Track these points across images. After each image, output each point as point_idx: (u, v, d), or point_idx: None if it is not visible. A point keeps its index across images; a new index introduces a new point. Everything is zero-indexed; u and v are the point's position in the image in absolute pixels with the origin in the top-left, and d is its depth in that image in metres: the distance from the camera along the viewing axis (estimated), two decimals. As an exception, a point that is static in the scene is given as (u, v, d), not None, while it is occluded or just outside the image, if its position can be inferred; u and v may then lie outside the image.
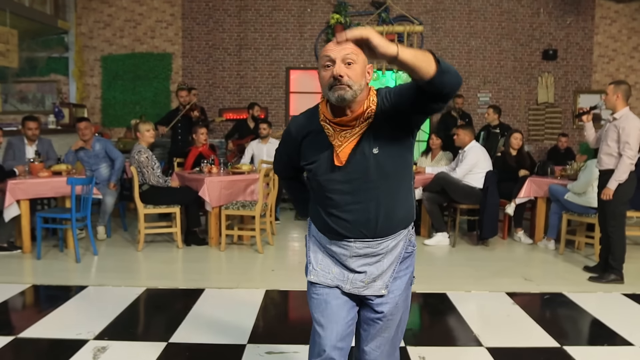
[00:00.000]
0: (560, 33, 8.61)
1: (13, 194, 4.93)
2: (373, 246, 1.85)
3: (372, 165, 1.77)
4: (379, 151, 1.76)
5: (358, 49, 1.63)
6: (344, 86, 1.67)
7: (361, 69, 1.70)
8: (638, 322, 3.60)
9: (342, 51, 1.65)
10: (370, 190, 1.79)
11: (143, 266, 4.94)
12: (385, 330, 1.92)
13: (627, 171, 4.26)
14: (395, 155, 1.79)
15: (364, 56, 1.69)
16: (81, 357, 2.92)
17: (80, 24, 8.69)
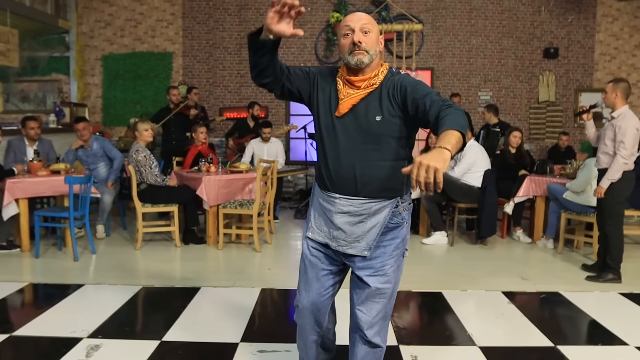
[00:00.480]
0: (561, 31, 8.57)
1: (12, 193, 4.96)
2: (355, 205, 2.00)
3: (364, 126, 1.95)
4: (373, 117, 1.94)
5: (372, 19, 1.96)
6: (362, 51, 1.92)
7: (376, 37, 1.95)
8: (634, 321, 3.59)
9: (360, 21, 1.93)
10: (358, 150, 1.96)
11: (140, 265, 4.95)
12: (375, 296, 2.04)
13: (620, 170, 4.23)
14: (388, 126, 1.94)
15: (377, 26, 1.98)
16: (74, 354, 2.94)
17: (81, 23, 8.71)
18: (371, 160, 1.96)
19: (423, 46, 8.64)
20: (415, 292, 4.15)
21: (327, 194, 2.06)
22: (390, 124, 1.95)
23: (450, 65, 8.70)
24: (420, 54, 8.63)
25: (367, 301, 2.05)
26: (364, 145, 1.96)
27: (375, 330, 2.07)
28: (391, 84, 1.96)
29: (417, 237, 6.02)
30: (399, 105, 1.93)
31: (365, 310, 2.06)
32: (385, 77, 1.98)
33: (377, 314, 2.06)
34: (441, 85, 8.71)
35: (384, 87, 1.96)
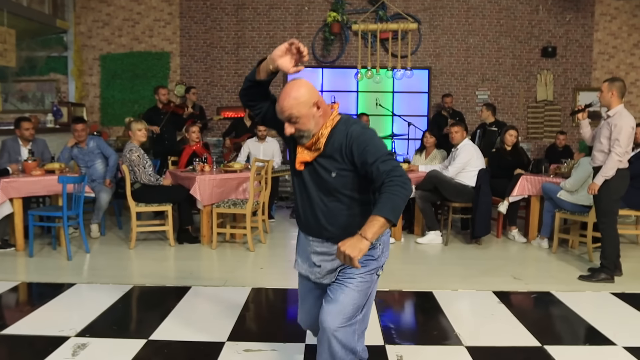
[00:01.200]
0: (559, 30, 8.55)
1: (5, 193, 4.98)
2: (327, 247, 2.18)
3: (321, 182, 2.09)
4: (327, 174, 2.06)
5: (297, 100, 1.97)
6: (299, 136, 2.05)
7: (306, 115, 1.99)
8: (624, 321, 3.57)
9: (285, 113, 2.00)
10: (320, 201, 2.11)
11: (134, 264, 4.96)
12: (338, 291, 2.12)
13: (614, 168, 4.24)
14: (345, 179, 2.05)
15: (305, 105, 1.98)
16: (60, 353, 2.95)
17: (79, 23, 8.73)
18: (334, 210, 2.10)
19: (420, 45, 8.62)
20: (405, 291, 4.15)
21: (304, 235, 2.27)
22: (346, 178, 2.06)
23: (447, 65, 8.68)
24: (417, 53, 8.62)
25: (333, 308, 2.09)
26: (325, 197, 2.10)
27: (334, 327, 2.07)
28: (343, 139, 2.02)
29: (411, 237, 6.02)
30: (350, 162, 2.02)
31: (329, 317, 2.08)
32: (332, 135, 2.04)
33: (338, 308, 2.09)
34: (439, 85, 8.70)
35: (334, 144, 2.04)
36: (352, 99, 8.87)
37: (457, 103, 8.60)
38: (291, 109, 1.98)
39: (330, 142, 2.04)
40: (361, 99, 8.85)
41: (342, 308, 2.08)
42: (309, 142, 2.06)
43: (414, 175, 5.91)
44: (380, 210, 1.82)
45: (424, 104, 8.82)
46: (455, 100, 8.58)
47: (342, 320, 2.08)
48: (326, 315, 2.09)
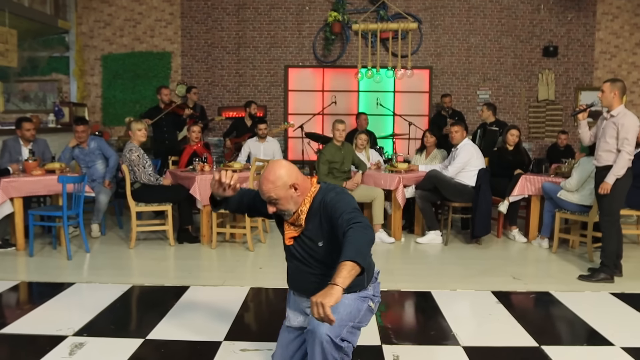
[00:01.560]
0: (561, 29, 8.53)
1: (6, 192, 4.99)
2: None
3: (310, 252, 2.28)
4: (315, 244, 2.25)
5: (275, 182, 2.17)
6: (281, 213, 2.27)
7: (284, 198, 2.20)
8: (622, 322, 3.56)
9: (265, 195, 2.21)
10: (310, 270, 2.31)
11: (133, 263, 4.97)
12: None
13: (626, 166, 4.28)
14: (332, 246, 2.19)
15: (282, 188, 2.18)
16: (58, 352, 2.95)
17: (80, 23, 8.76)
18: (323, 278, 2.13)
19: (421, 45, 8.61)
20: (404, 291, 4.14)
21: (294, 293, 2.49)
22: (334, 244, 2.16)
23: (448, 64, 8.67)
24: (418, 52, 8.62)
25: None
26: (316, 265, 2.28)
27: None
28: (321, 210, 2.21)
29: (411, 237, 6.01)
30: (330, 227, 2.18)
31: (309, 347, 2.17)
32: (311, 209, 2.24)
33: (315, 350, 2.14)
34: (440, 84, 8.69)
35: (314, 217, 2.23)
36: (353, 98, 8.86)
37: (459, 103, 8.60)
38: (269, 192, 2.18)
39: (310, 216, 2.24)
40: (362, 99, 8.85)
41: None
42: (291, 218, 2.27)
43: (414, 175, 5.90)
44: (345, 255, 1.86)
45: (425, 104, 8.81)
46: (457, 100, 8.59)
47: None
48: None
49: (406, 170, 6.00)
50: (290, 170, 2.20)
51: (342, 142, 5.96)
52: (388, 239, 5.73)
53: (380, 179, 5.90)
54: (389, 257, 5.27)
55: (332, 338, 2.10)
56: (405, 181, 5.79)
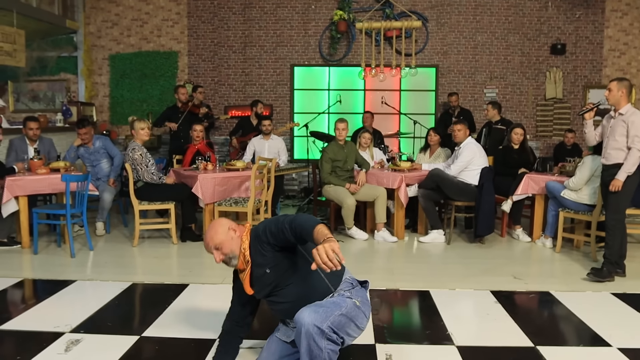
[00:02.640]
0: (569, 27, 8.44)
1: (11, 191, 5.06)
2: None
3: (264, 284, 2.45)
4: (270, 271, 2.41)
5: (217, 233, 2.46)
6: (228, 260, 2.48)
7: (226, 241, 2.45)
8: (622, 322, 3.52)
9: (208, 245, 2.48)
10: (280, 300, 2.49)
11: (136, 261, 5.01)
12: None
13: (637, 163, 4.27)
14: (284, 266, 2.41)
15: (223, 232, 2.45)
16: (53, 349, 2.99)
17: (88, 23, 8.84)
18: (297, 296, 2.43)
19: (428, 43, 8.57)
20: (402, 290, 4.13)
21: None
22: (282, 263, 2.41)
23: (455, 63, 8.62)
24: (424, 51, 8.58)
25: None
26: (281, 291, 2.46)
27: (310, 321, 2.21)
28: (258, 237, 2.40)
29: (414, 235, 6.00)
30: (272, 248, 2.37)
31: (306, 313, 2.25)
32: (250, 241, 2.45)
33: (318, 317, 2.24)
34: (446, 83, 8.65)
35: (255, 248, 2.43)
36: (359, 97, 8.85)
37: (465, 101, 8.55)
38: (212, 240, 2.45)
39: (252, 249, 2.42)
40: (368, 97, 8.83)
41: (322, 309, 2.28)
42: (239, 262, 2.46)
43: (417, 174, 5.88)
44: (310, 226, 2.16)
45: (431, 102, 8.77)
46: (463, 99, 8.54)
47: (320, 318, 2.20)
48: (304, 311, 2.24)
49: (409, 169, 5.98)
50: (227, 221, 2.54)
51: (344, 141, 5.96)
52: (391, 238, 5.72)
53: (383, 178, 5.88)
54: (390, 256, 5.26)
55: (317, 325, 2.16)
56: (408, 180, 5.77)
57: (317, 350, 2.18)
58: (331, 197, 5.88)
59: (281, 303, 2.50)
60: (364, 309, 2.44)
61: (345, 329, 2.30)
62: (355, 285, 2.55)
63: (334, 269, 1.94)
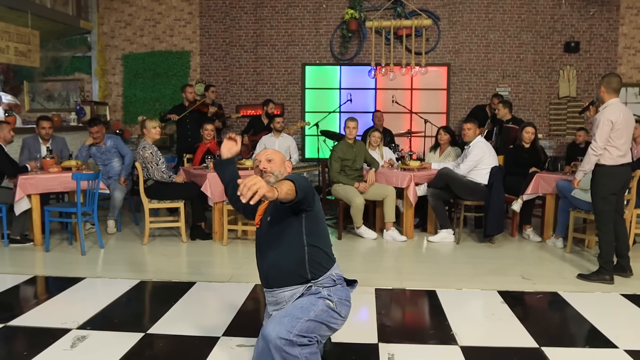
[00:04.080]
0: (583, 24, 8.32)
1: (23, 189, 5.15)
2: (274, 295, 2.50)
3: (267, 229, 2.49)
4: (271, 220, 2.47)
5: (276, 153, 2.64)
6: (268, 174, 2.54)
7: (279, 162, 2.60)
8: (630, 324, 3.48)
9: (264, 154, 2.63)
10: (265, 250, 2.50)
11: (145, 259, 5.06)
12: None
13: (590, 162, 4.27)
14: (283, 226, 2.43)
15: (280, 158, 2.62)
16: (60, 345, 3.04)
17: (102, 23, 8.94)
18: (275, 255, 2.46)
19: (439, 42, 8.52)
20: (409, 289, 4.12)
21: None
22: (281, 222, 2.43)
23: (467, 61, 8.56)
24: (436, 49, 8.53)
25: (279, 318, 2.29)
26: (268, 245, 2.48)
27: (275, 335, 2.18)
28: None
29: (424, 235, 5.97)
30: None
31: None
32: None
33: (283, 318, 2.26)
34: (458, 82, 8.59)
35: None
36: (370, 96, 8.83)
37: (477, 100, 8.49)
38: (271, 154, 2.62)
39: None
40: (378, 96, 8.81)
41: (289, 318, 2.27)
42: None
43: (426, 173, 5.86)
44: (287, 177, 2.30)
45: (443, 101, 8.72)
46: (475, 97, 8.49)
47: (285, 330, 2.19)
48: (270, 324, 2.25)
49: (418, 168, 5.95)
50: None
51: (354, 140, 5.95)
52: (400, 237, 5.70)
53: (392, 177, 5.87)
54: (399, 255, 5.25)
55: (283, 337, 2.13)
56: (417, 179, 5.75)
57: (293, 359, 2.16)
58: (340, 196, 5.87)
59: (264, 257, 2.52)
60: (340, 309, 2.41)
61: (316, 332, 2.27)
62: (340, 283, 2.50)
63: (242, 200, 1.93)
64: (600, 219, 4.33)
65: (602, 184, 4.27)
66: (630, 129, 4.31)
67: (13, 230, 5.37)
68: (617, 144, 4.20)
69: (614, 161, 4.22)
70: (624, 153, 4.24)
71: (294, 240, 2.42)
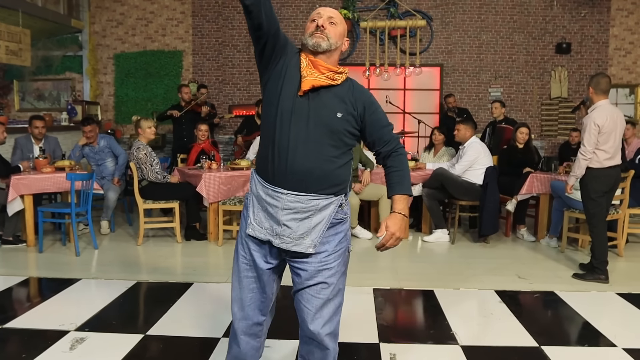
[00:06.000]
0: (574, 26, 8.40)
1: (16, 189, 5.09)
2: (303, 201, 1.96)
3: (324, 118, 1.94)
4: (334, 112, 1.96)
5: (343, 20, 2.05)
6: (323, 36, 1.97)
7: (340, 31, 2.02)
8: (627, 323, 3.51)
9: (331, 13, 2.02)
10: (315, 142, 1.93)
11: (140, 260, 5.02)
12: (321, 292, 2.00)
13: (581, 167, 4.29)
14: (346, 125, 1.98)
15: (345, 27, 2.05)
16: (58, 347, 3.00)
17: (93, 22, 8.87)
18: (327, 155, 1.95)
19: (432, 42, 8.56)
20: (406, 289, 4.13)
21: (272, 188, 1.97)
22: (348, 124, 2.00)
23: (460, 62, 8.60)
24: (429, 50, 8.56)
25: (314, 299, 2.00)
26: (320, 137, 1.94)
27: (325, 330, 2.01)
28: (351, 91, 2.02)
29: (418, 235, 5.99)
30: (354, 117, 2.01)
31: (312, 307, 2.00)
32: (346, 80, 2.03)
33: (324, 309, 2.01)
34: (450, 82, 8.62)
35: (345, 89, 2.01)
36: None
37: (470, 100, 8.54)
38: (338, 16, 2.04)
39: (345, 84, 2.02)
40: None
41: (328, 304, 2.01)
42: (329, 64, 1.98)
43: (421, 173, 5.88)
44: (406, 189, 2.05)
45: (435, 102, 8.75)
46: (468, 98, 8.54)
47: (332, 320, 2.03)
48: (314, 316, 2.00)
49: (413, 168, 5.97)
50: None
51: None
52: (395, 238, 5.70)
53: (387, 177, 5.86)
54: (394, 255, 5.25)
55: (332, 332, 2.04)
56: (412, 179, 5.74)
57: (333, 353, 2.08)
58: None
59: (304, 148, 1.93)
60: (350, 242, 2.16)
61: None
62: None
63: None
64: (592, 220, 4.38)
65: (590, 186, 4.32)
66: (620, 130, 4.33)
67: (5, 231, 5.31)
68: (604, 147, 4.24)
69: (600, 164, 4.26)
70: (611, 155, 4.27)
71: (349, 148, 2.04)
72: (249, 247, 2.09)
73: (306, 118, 1.93)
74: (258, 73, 2.10)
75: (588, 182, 4.32)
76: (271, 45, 1.97)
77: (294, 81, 1.96)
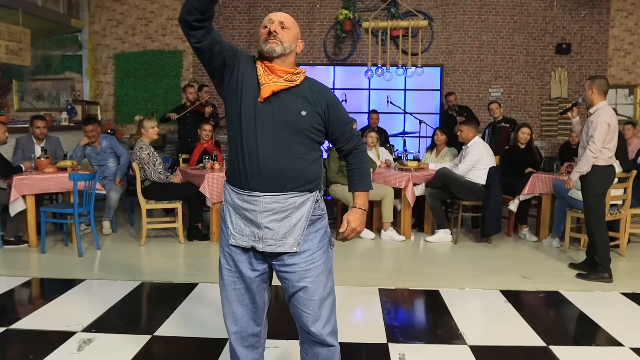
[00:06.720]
0: (574, 26, 8.42)
1: (18, 190, 5.06)
2: (280, 201, 1.96)
3: (289, 119, 1.96)
4: (298, 111, 1.97)
5: (294, 22, 2.07)
6: (277, 41, 1.98)
7: (294, 34, 2.04)
8: (632, 322, 3.52)
9: (282, 17, 2.04)
10: (282, 142, 1.94)
11: (143, 261, 5.00)
12: (314, 292, 2.01)
13: (588, 164, 4.34)
14: (311, 122, 2.00)
15: (297, 29, 2.08)
16: (66, 348, 2.99)
17: (93, 22, 8.84)
18: (297, 153, 1.97)
19: (433, 42, 8.57)
20: (412, 289, 4.13)
21: (247, 194, 1.96)
22: (313, 121, 2.01)
23: (460, 62, 8.61)
24: (429, 50, 8.57)
25: (309, 301, 2.00)
26: (288, 137, 1.96)
27: (326, 330, 2.03)
28: (311, 89, 2.04)
29: (421, 235, 6.00)
30: (319, 113, 2.02)
31: (310, 310, 2.01)
32: (305, 80, 2.05)
33: (322, 309, 2.02)
34: (451, 82, 8.64)
35: (305, 88, 2.03)
36: (364, 96, 8.84)
37: (470, 101, 8.54)
38: (289, 19, 2.05)
39: (304, 84, 2.03)
40: (373, 97, 8.82)
41: (323, 302, 2.02)
42: (286, 67, 1.99)
43: (423, 173, 5.88)
44: (366, 185, 2.13)
45: (436, 102, 8.77)
46: (468, 98, 8.54)
47: (330, 316, 2.05)
48: (313, 318, 2.01)
49: (416, 168, 5.97)
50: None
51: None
52: (398, 237, 5.72)
53: (390, 177, 5.88)
54: (398, 255, 5.26)
55: (331, 331, 2.06)
56: (415, 179, 5.77)
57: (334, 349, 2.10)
58: (338, 197, 5.88)
59: (273, 149, 1.94)
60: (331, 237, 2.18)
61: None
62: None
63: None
64: (594, 217, 4.40)
65: (594, 183, 4.38)
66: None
67: (7, 232, 5.28)
68: (609, 146, 4.34)
69: (605, 162, 4.36)
70: (613, 154, 4.39)
71: (318, 144, 2.07)
72: (232, 259, 2.06)
73: (271, 121, 1.95)
74: (216, 91, 2.11)
75: (593, 179, 4.36)
76: (220, 59, 1.97)
77: (253, 88, 1.98)
